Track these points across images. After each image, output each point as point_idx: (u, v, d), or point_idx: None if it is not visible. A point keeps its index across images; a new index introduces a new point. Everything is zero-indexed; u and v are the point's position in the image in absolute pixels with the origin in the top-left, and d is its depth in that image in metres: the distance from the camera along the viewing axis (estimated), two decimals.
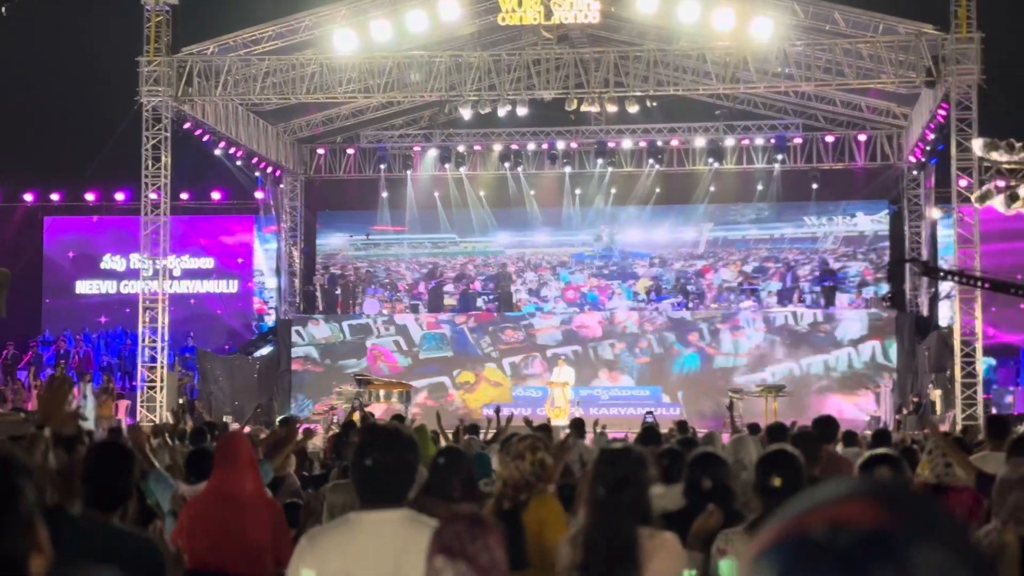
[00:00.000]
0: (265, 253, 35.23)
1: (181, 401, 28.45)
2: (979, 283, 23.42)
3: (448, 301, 33.85)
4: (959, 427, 22.38)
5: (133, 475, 4.88)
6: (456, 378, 32.29)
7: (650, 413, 20.86)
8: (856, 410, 29.57)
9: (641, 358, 31.88)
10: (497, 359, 32.28)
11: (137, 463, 7.52)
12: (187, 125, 28.78)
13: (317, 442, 14.37)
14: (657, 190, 33.86)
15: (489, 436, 13.12)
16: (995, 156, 21.88)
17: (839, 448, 14.13)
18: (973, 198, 24.07)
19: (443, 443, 11.25)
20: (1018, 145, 21.87)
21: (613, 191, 34.05)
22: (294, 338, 32.82)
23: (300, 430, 11.04)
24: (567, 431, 13.58)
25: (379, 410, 23.46)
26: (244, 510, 5.95)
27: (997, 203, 22.54)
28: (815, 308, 32.13)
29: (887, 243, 33.37)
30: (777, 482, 4.56)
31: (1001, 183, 22.67)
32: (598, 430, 14.77)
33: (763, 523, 4.57)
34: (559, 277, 34.19)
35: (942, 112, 26.80)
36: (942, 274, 24.85)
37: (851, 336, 31.09)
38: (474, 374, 32.29)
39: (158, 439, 12.01)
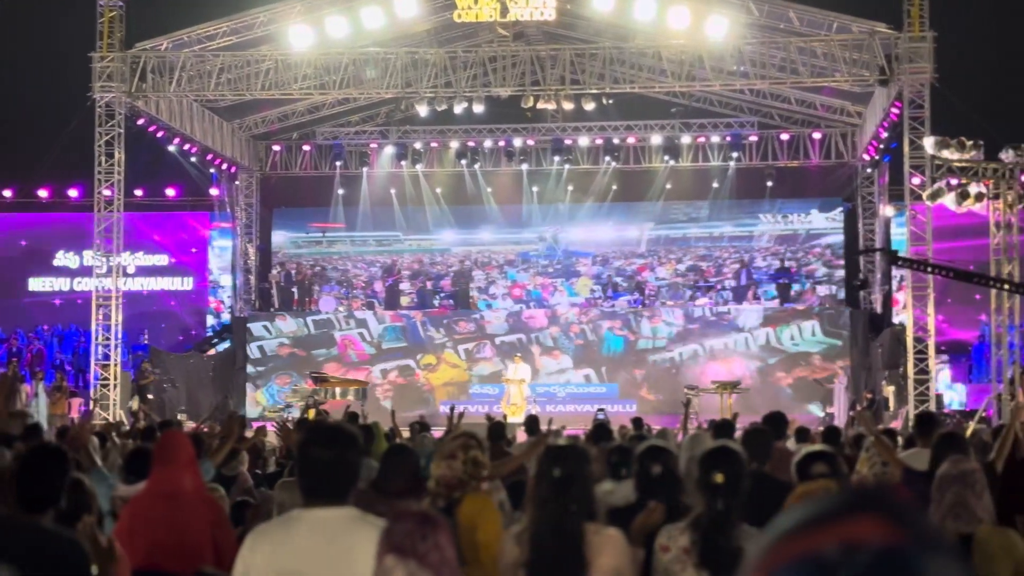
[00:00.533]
0: (220, 250, 35.02)
1: (150, 397, 28.29)
2: (943, 272, 23.60)
3: (403, 300, 33.81)
4: (912, 424, 22.53)
5: (65, 476, 4.85)
6: (420, 361, 32.65)
7: (601, 410, 20.91)
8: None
9: (577, 341, 32.41)
10: (452, 347, 32.64)
11: (71, 464, 7.47)
12: (141, 121, 28.59)
13: (272, 440, 14.32)
14: (614, 187, 33.91)
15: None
16: (946, 154, 22.08)
17: (791, 444, 14.26)
18: (924, 196, 24.26)
19: (398, 440, 11.23)
20: (968, 143, 22.10)
21: (570, 188, 34.08)
22: (260, 332, 32.73)
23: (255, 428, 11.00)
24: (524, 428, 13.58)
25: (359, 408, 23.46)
26: (183, 509, 5.91)
27: (948, 201, 22.75)
28: (771, 305, 32.29)
29: (841, 240, 33.60)
30: (719, 478, 4.57)
31: (953, 181, 22.88)
32: (553, 428, 14.76)
33: (703, 520, 4.57)
34: (507, 275, 34.26)
35: (895, 110, 27.02)
36: (907, 264, 24.96)
37: (750, 324, 31.76)
38: (435, 356, 32.69)
39: (108, 438, 11.91)
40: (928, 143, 23.36)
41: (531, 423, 14.30)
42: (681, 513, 5.04)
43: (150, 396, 28.64)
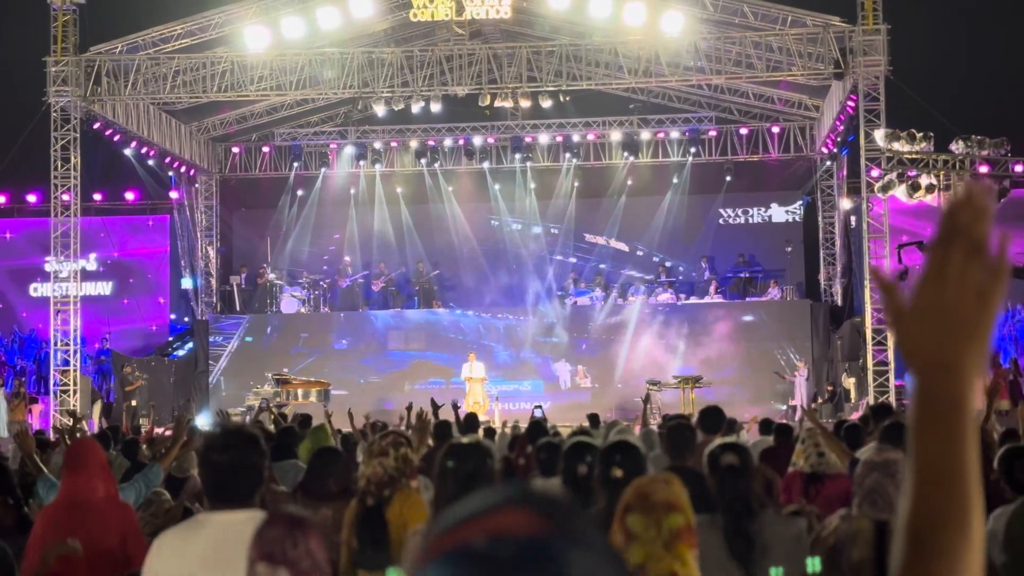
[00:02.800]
0: (181, 253, 34.82)
1: (134, 403, 28.17)
2: None
3: (367, 299, 33.70)
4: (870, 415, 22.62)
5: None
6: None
7: (539, 407, 20.85)
8: None
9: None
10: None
11: (11, 474, 7.44)
12: (97, 125, 28.43)
13: None
14: (576, 184, 33.95)
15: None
16: (897, 146, 22.21)
17: (752, 437, 14.33)
18: (876, 188, 24.39)
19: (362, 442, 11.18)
20: (919, 135, 22.23)
21: (532, 186, 34.10)
22: (222, 334, 32.62)
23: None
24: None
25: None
26: (94, 517, 5.88)
27: (899, 193, 22.89)
28: (732, 299, 32.37)
29: (801, 234, 33.79)
30: (619, 473, 4.59)
31: (909, 173, 23.02)
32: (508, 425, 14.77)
33: (602, 514, 4.59)
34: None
35: (851, 103, 27.16)
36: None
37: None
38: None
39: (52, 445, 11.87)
40: (879, 135, 23.50)
41: (469, 422, 14.27)
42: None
43: (134, 403, 28.48)
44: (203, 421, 26.97)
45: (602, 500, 4.70)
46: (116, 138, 29.47)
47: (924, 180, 22.36)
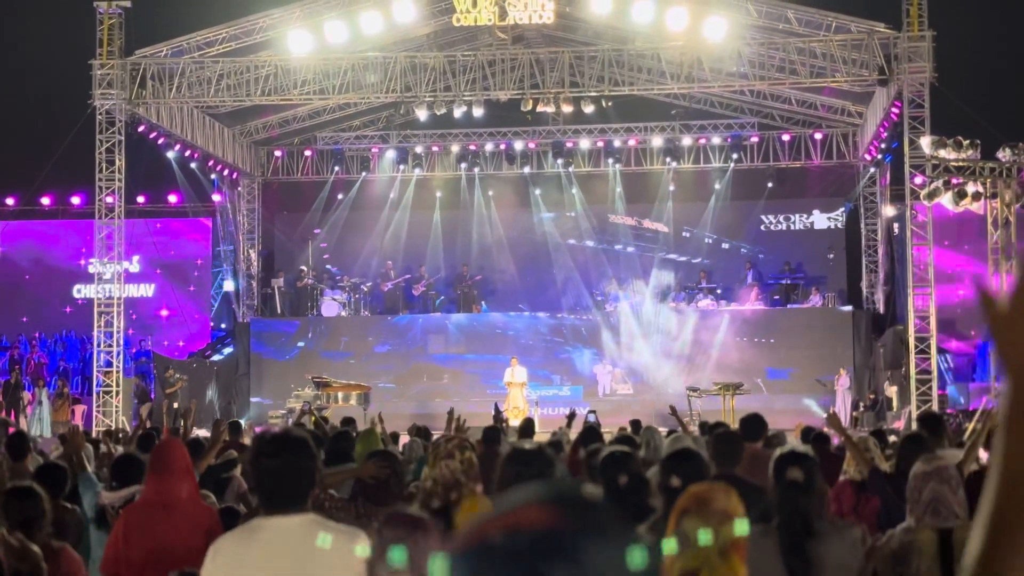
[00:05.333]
0: (223, 256, 35.02)
1: (175, 406, 28.31)
2: None
3: (408, 302, 33.75)
4: (915, 424, 22.46)
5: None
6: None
7: (592, 412, 20.79)
8: None
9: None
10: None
11: (67, 475, 7.51)
12: (141, 128, 28.62)
13: None
14: (618, 189, 33.90)
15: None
16: (943, 154, 22.04)
17: (795, 444, 14.25)
18: (922, 195, 24.21)
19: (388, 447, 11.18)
20: (965, 143, 22.05)
21: (575, 191, 34.06)
22: (264, 337, 32.75)
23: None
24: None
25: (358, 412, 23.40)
26: (179, 518, 5.93)
27: (945, 200, 22.71)
28: (774, 306, 32.20)
29: (843, 241, 33.61)
30: (676, 482, 4.57)
31: (951, 180, 22.84)
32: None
33: (659, 522, 4.57)
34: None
35: (895, 110, 26.98)
36: None
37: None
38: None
39: (104, 445, 11.94)
40: (925, 143, 23.31)
41: (526, 427, 14.24)
42: (647, 514, 5.03)
43: (175, 405, 28.65)
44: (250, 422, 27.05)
45: (661, 507, 4.67)
46: (160, 141, 29.66)
47: (970, 188, 22.18)
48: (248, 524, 4.54)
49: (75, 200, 34.46)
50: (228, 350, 33.88)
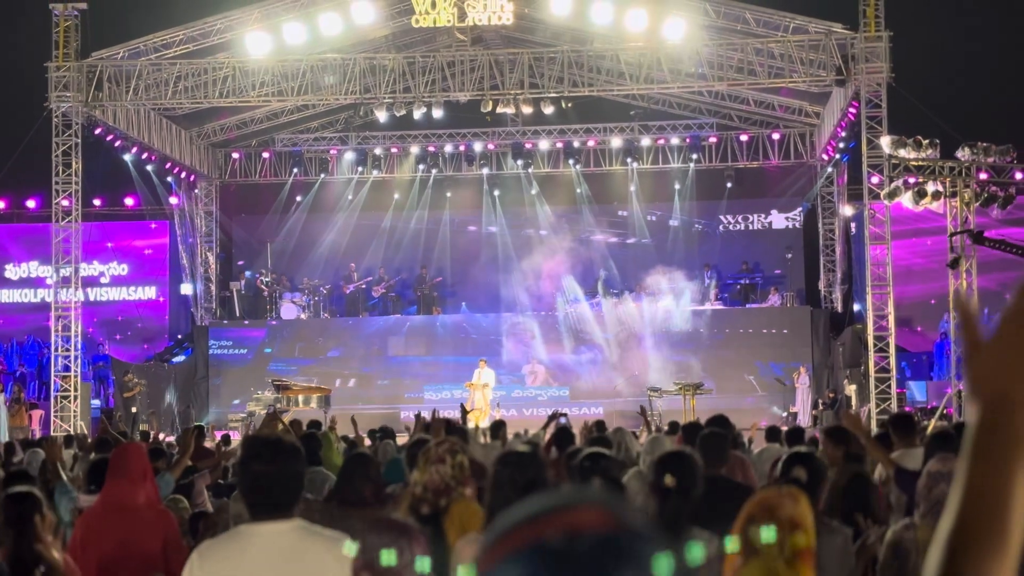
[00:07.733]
0: (180, 259, 34.74)
1: (134, 410, 28.04)
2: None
3: (368, 304, 33.66)
4: (874, 422, 22.65)
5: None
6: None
7: (564, 415, 20.77)
8: None
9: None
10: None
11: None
12: (98, 131, 28.39)
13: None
14: (578, 190, 33.94)
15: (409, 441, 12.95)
16: (902, 153, 22.19)
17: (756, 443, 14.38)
18: (882, 195, 24.38)
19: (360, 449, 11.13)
20: (925, 142, 22.21)
21: (533, 192, 34.05)
22: (221, 340, 32.54)
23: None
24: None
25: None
26: (136, 521, 5.88)
27: (905, 199, 22.89)
28: (733, 306, 32.32)
29: (801, 241, 33.80)
30: (669, 481, 4.57)
31: (910, 180, 22.99)
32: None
33: (657, 522, 4.57)
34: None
35: (853, 110, 27.16)
36: (992, 244, 24.40)
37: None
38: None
39: (71, 451, 11.85)
40: (885, 142, 23.47)
41: (496, 428, 14.21)
42: None
43: (134, 409, 28.41)
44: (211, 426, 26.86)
45: (653, 508, 4.67)
46: (117, 143, 29.41)
47: (930, 187, 22.36)
48: (235, 530, 4.49)
49: (31, 204, 34.10)
50: (186, 354, 33.64)
